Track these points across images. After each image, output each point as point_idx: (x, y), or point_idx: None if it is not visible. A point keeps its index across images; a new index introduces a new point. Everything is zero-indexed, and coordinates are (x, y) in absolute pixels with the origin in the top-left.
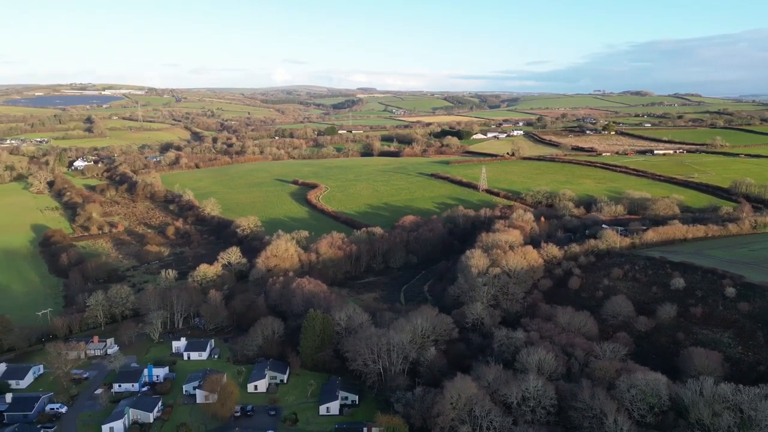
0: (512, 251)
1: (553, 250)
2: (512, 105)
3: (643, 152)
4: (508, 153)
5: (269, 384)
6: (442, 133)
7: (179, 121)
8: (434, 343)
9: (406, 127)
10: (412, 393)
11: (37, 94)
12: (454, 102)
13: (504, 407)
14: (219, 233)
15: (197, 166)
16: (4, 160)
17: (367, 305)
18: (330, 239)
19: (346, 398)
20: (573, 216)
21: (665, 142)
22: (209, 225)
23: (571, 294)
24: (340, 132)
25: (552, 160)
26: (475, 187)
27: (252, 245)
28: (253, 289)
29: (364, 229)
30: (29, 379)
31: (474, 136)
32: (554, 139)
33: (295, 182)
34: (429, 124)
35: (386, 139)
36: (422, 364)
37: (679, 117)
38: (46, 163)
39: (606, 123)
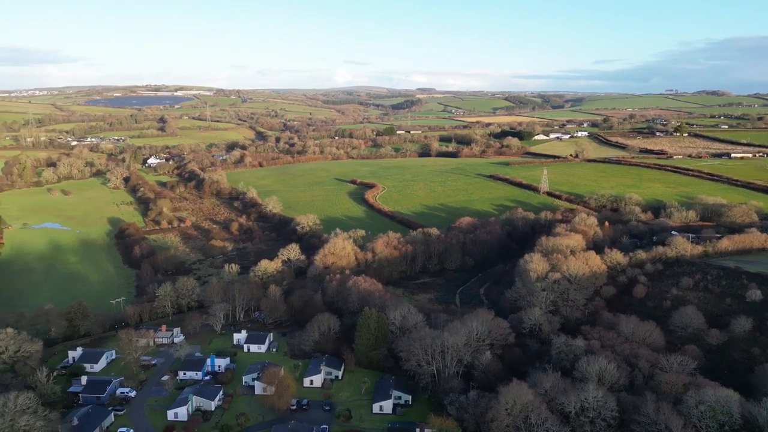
0: (573, 256)
1: (617, 257)
2: (576, 105)
3: (718, 155)
4: (571, 155)
5: (324, 379)
6: (502, 134)
7: (245, 121)
8: (490, 347)
9: (465, 127)
10: (466, 396)
11: (115, 94)
12: (516, 102)
13: (561, 416)
14: (280, 230)
15: (261, 165)
16: (85, 156)
17: (422, 306)
18: (386, 239)
19: (400, 398)
20: (640, 221)
21: (743, 144)
22: (271, 222)
23: (636, 303)
24: (398, 132)
25: (618, 162)
26: (535, 190)
27: (311, 243)
28: (310, 286)
29: (420, 229)
30: (102, 363)
31: (535, 137)
32: (621, 140)
33: (354, 182)
34: (489, 124)
35: (444, 139)
36: (477, 367)
37: (760, 118)
38: (123, 160)
39: (678, 124)
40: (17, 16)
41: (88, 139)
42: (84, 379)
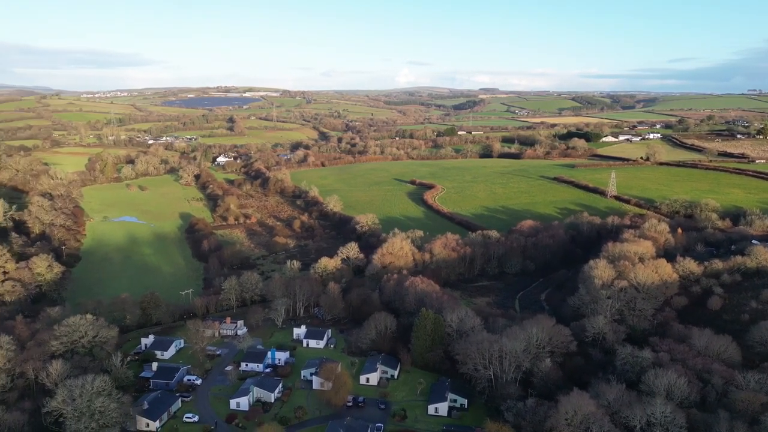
0: (642, 264)
1: (690, 265)
2: (649, 106)
3: None
4: (641, 157)
5: (380, 378)
6: (568, 135)
7: (308, 121)
8: (550, 354)
9: (528, 128)
10: (523, 403)
11: (189, 96)
12: (583, 102)
13: (625, 430)
14: (339, 228)
15: (323, 164)
16: (160, 154)
17: (480, 309)
18: (444, 240)
19: (455, 401)
20: (716, 229)
21: None
22: (331, 220)
23: (710, 315)
24: (459, 133)
25: (694, 166)
26: (602, 193)
27: (369, 242)
28: (368, 284)
29: (480, 231)
30: (172, 351)
31: (603, 139)
32: (697, 143)
33: (413, 182)
34: (554, 125)
35: (507, 140)
36: (536, 374)
37: None
38: (194, 158)
39: (761, 126)
40: (102, 22)
41: (164, 138)
42: (155, 366)
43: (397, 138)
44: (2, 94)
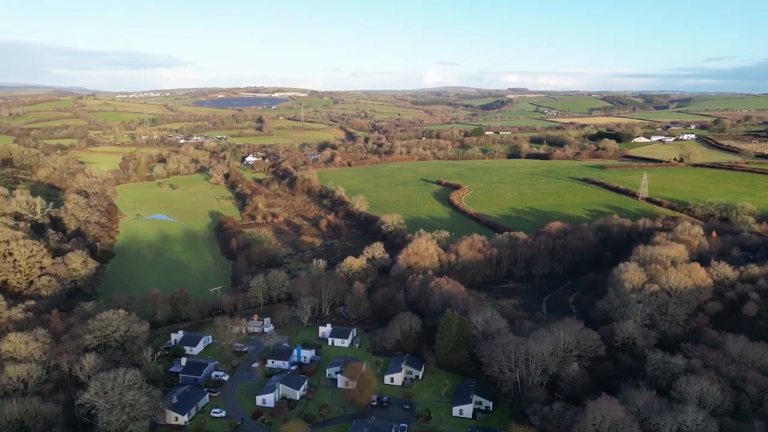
0: (674, 267)
1: (725, 270)
2: (683, 106)
3: None
4: (675, 159)
5: (405, 378)
6: (599, 136)
7: (336, 121)
8: (577, 358)
9: (558, 128)
10: (550, 407)
11: (219, 96)
12: (614, 102)
13: None
14: (365, 228)
15: (349, 164)
16: (191, 154)
17: (506, 311)
18: (470, 241)
19: (480, 403)
20: (753, 233)
21: None
22: (357, 220)
23: (746, 321)
24: (486, 133)
25: (730, 168)
26: (633, 195)
27: (395, 242)
28: (393, 284)
29: (507, 233)
30: (200, 347)
31: (635, 140)
32: (734, 144)
33: (439, 182)
34: (584, 125)
35: (535, 140)
36: (563, 378)
37: None
38: (224, 157)
39: None
40: (138, 24)
41: (194, 138)
42: (183, 361)
43: (423, 138)
44: (41, 94)
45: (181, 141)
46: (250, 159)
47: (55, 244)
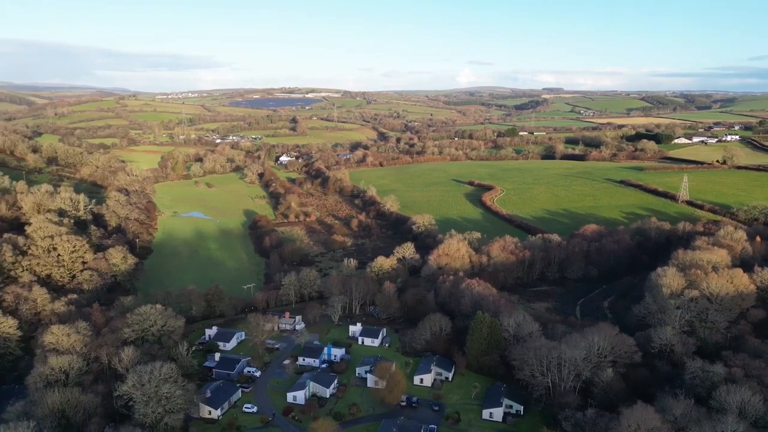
0: (715, 273)
1: None
2: (727, 106)
3: None
4: (717, 161)
5: (434, 379)
6: (637, 136)
7: (368, 122)
8: (612, 364)
9: (594, 129)
10: (583, 413)
11: (254, 97)
12: (654, 102)
13: None
14: (396, 228)
15: (381, 165)
16: (227, 153)
17: (538, 315)
18: (502, 243)
19: (511, 407)
20: None
21: None
22: (388, 220)
23: None
24: (520, 133)
25: None
26: (672, 198)
27: (425, 242)
28: (423, 285)
29: (540, 234)
30: (233, 342)
31: (675, 141)
32: None
33: (471, 183)
34: (621, 126)
35: (571, 141)
36: (597, 384)
37: None
38: (258, 157)
39: None
40: (178, 27)
41: (230, 138)
42: (217, 356)
43: (455, 138)
44: (84, 95)
45: (218, 141)
46: (283, 159)
47: (96, 240)
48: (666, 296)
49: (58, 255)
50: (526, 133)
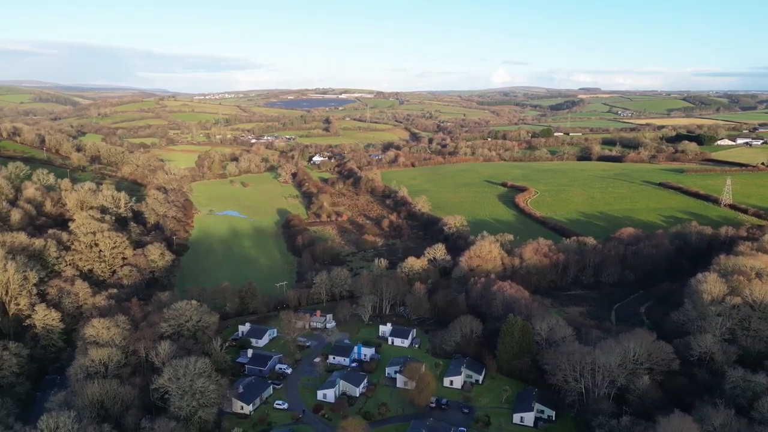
0: (759, 279)
1: None
2: None
3: None
4: (763, 163)
5: (464, 382)
6: (677, 138)
7: (400, 122)
8: (648, 371)
9: (632, 129)
10: (617, 421)
11: (289, 97)
12: (696, 102)
13: None
14: (427, 229)
15: (413, 165)
16: (261, 153)
17: (572, 319)
18: (536, 245)
19: (542, 412)
20: None
21: None
22: (419, 220)
23: None
24: (555, 134)
25: None
26: (714, 201)
27: (457, 243)
28: (454, 286)
29: (575, 237)
30: (266, 339)
31: (718, 142)
32: None
33: (504, 184)
34: (661, 127)
35: (608, 142)
36: (632, 392)
37: None
38: (292, 157)
39: None
40: (217, 30)
41: (265, 138)
42: (250, 352)
43: (489, 139)
44: (126, 95)
45: (253, 140)
46: (316, 159)
47: (136, 237)
48: (706, 303)
49: (100, 251)
50: (561, 133)
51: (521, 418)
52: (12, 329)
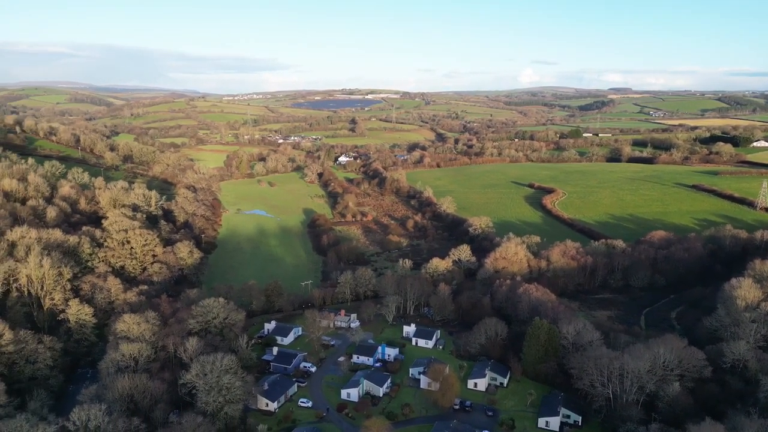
0: None
1: None
2: None
3: None
4: None
5: (489, 384)
6: (711, 139)
7: (426, 122)
8: (679, 378)
9: (664, 130)
10: (646, 428)
11: (316, 98)
12: (731, 103)
13: None
14: (452, 230)
15: (438, 166)
16: (288, 153)
17: (600, 323)
18: (563, 247)
19: (568, 417)
20: None
21: None
22: (444, 221)
23: None
24: (584, 135)
25: None
26: (750, 204)
27: (482, 245)
28: (479, 288)
29: (603, 240)
30: (291, 338)
31: (754, 144)
32: None
33: (531, 185)
34: (695, 127)
35: (638, 143)
36: (661, 398)
37: None
38: (318, 157)
39: None
40: (246, 31)
41: (292, 138)
42: (275, 350)
43: (516, 140)
44: (158, 96)
45: (280, 141)
46: (342, 159)
47: (166, 235)
48: (740, 309)
49: (131, 248)
50: (590, 134)
51: (546, 422)
52: (47, 323)
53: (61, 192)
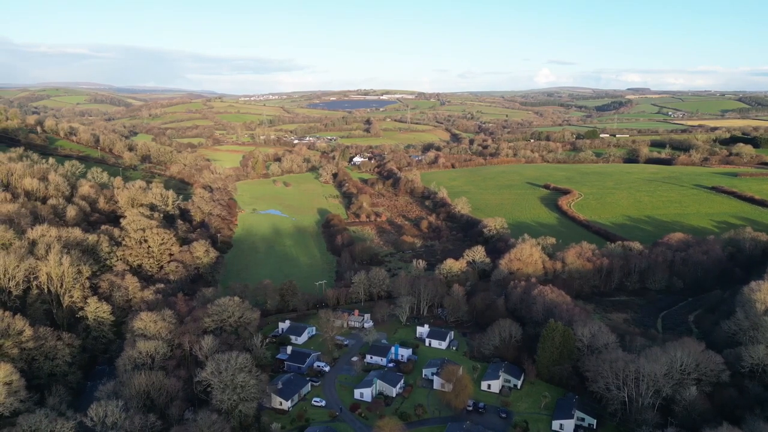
0: None
1: None
2: None
3: None
4: None
5: (502, 386)
6: (732, 140)
7: (441, 123)
8: (696, 382)
9: (683, 131)
10: None
11: (331, 99)
12: (752, 103)
13: None
14: (466, 231)
15: (453, 166)
16: (303, 153)
17: (616, 326)
18: (579, 249)
19: (583, 420)
20: None
21: None
22: (458, 222)
23: None
24: (601, 135)
25: None
26: None
27: (496, 246)
28: (493, 289)
29: (620, 242)
30: (305, 337)
31: None
32: None
33: (547, 186)
34: (715, 128)
35: (657, 144)
36: (678, 402)
37: None
38: (333, 157)
39: None
40: (262, 33)
41: (307, 138)
42: (289, 349)
43: (531, 140)
44: (176, 97)
45: (295, 141)
46: (357, 159)
47: (182, 234)
48: (760, 312)
49: (149, 247)
50: (607, 135)
51: (561, 425)
52: (65, 320)
53: (81, 191)
